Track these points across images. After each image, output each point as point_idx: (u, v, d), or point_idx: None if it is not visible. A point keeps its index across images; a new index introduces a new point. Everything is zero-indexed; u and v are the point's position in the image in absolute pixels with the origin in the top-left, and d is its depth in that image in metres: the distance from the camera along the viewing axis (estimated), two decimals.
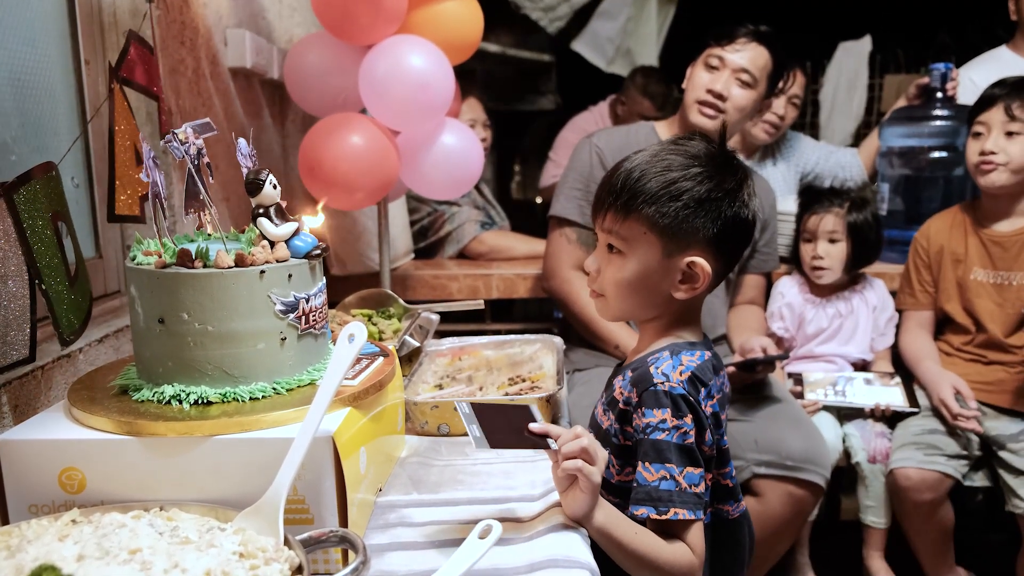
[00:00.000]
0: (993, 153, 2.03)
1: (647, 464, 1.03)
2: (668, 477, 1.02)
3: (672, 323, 1.16)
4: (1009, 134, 2.02)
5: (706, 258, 1.09)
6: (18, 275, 0.99)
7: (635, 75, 3.82)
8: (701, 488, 1.04)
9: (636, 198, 1.08)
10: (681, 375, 1.07)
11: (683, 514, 1.01)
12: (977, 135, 2.08)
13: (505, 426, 0.97)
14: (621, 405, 1.12)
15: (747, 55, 1.97)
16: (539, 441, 0.96)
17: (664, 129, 2.12)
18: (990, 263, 2.13)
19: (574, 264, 2.07)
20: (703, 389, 1.09)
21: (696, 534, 1.03)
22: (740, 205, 1.10)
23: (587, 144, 2.09)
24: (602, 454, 0.96)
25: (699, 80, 2.01)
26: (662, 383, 1.06)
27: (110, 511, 0.78)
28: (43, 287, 0.98)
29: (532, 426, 0.97)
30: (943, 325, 2.28)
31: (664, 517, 1.01)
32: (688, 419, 1.04)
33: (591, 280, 1.17)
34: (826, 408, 2.18)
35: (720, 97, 1.97)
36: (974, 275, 2.15)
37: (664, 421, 1.04)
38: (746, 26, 2.00)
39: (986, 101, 2.08)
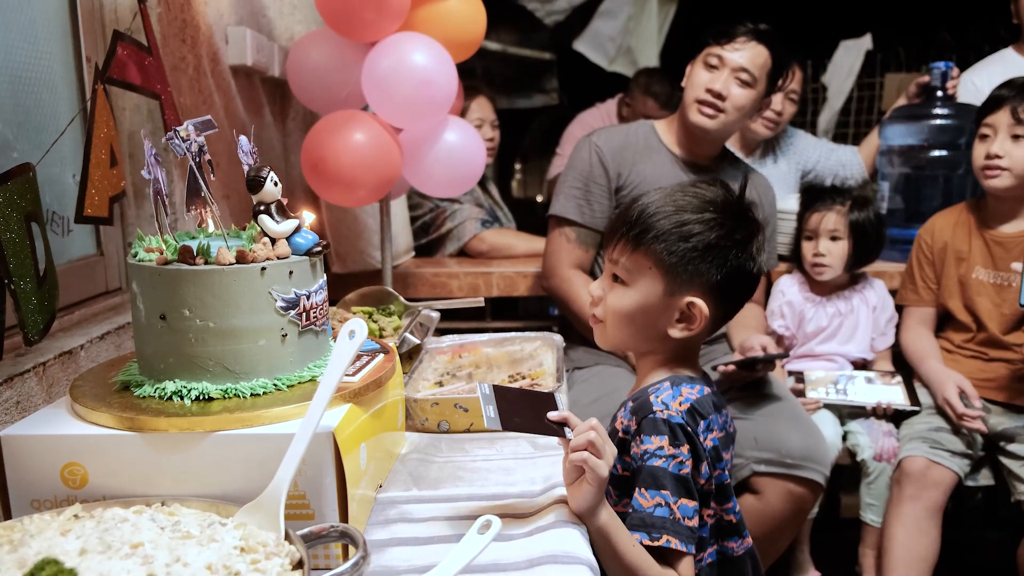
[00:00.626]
0: (999, 157, 2.02)
1: (643, 490, 1.05)
2: (663, 504, 1.03)
3: (670, 359, 1.19)
4: (1015, 137, 2.01)
5: (706, 302, 1.12)
6: None
7: (639, 76, 3.85)
8: (695, 522, 1.05)
9: (647, 233, 1.11)
10: (680, 405, 1.10)
11: (675, 543, 1.02)
12: (983, 137, 2.07)
13: (523, 411, 0.98)
14: (620, 434, 1.14)
15: (747, 54, 1.97)
16: (555, 428, 0.97)
17: (663, 128, 2.12)
18: (991, 263, 2.13)
19: (573, 263, 2.07)
20: (702, 422, 1.11)
21: (687, 568, 1.04)
22: (747, 257, 1.13)
23: (587, 143, 2.10)
24: (610, 449, 0.97)
25: (698, 79, 2.00)
26: (661, 411, 1.08)
27: (112, 506, 0.79)
28: (11, 287, 0.98)
29: (551, 414, 0.98)
30: (944, 322, 2.28)
31: (656, 544, 1.02)
32: (685, 449, 1.06)
33: (593, 304, 1.19)
34: (827, 406, 2.19)
35: (719, 96, 1.97)
36: (975, 274, 2.16)
37: (661, 448, 1.06)
38: (745, 24, 2.00)
39: (993, 103, 2.06)
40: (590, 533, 0.97)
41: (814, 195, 2.36)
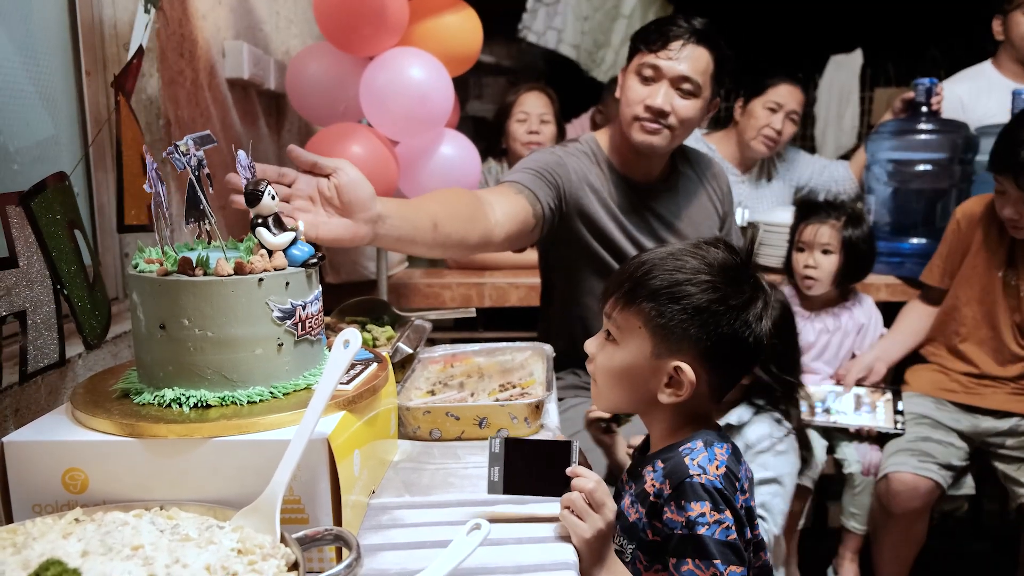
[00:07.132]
0: (1014, 219, 1.97)
1: (697, 561, 1.01)
2: (718, 574, 1.00)
3: (686, 420, 1.12)
4: None
5: (695, 368, 1.06)
6: (42, 281, 1.01)
7: (612, 83, 3.88)
8: None
9: (638, 290, 1.08)
10: (718, 469, 1.05)
11: None
12: (1000, 192, 2.00)
13: (534, 465, 1.00)
14: (652, 498, 1.09)
15: (685, 61, 1.70)
16: (558, 488, 1.00)
17: (603, 137, 1.92)
18: (1019, 264, 2.09)
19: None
20: (736, 483, 1.07)
21: None
22: (741, 324, 1.07)
23: (551, 151, 1.86)
24: (603, 515, 0.96)
25: (634, 94, 1.75)
26: (699, 475, 1.03)
27: (112, 510, 0.81)
28: (65, 293, 1.01)
29: (568, 470, 1.00)
30: (951, 316, 2.23)
31: None
32: (728, 513, 1.02)
33: (588, 362, 1.16)
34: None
35: (661, 114, 1.73)
36: (1000, 272, 2.11)
37: (703, 515, 1.01)
38: (679, 24, 1.71)
39: (1002, 160, 1.96)
40: None
41: (809, 208, 2.37)
